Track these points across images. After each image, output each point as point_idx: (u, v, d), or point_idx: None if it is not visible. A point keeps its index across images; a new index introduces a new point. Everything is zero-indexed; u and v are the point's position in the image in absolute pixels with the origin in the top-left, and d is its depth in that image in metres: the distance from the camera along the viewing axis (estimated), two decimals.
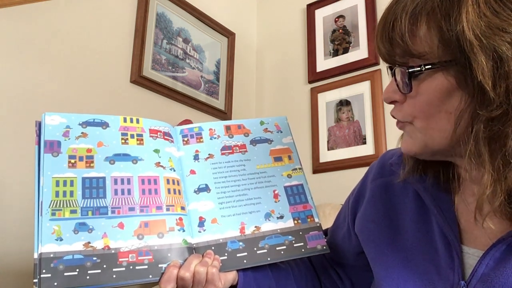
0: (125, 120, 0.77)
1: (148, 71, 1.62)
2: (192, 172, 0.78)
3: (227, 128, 0.84)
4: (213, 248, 0.71)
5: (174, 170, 0.76)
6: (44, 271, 0.61)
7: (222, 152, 0.81)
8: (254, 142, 0.84)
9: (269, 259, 0.72)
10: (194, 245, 0.71)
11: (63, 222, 0.65)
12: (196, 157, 0.79)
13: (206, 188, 0.76)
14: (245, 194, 0.77)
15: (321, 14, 1.98)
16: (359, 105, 1.81)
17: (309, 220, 0.77)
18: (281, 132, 0.86)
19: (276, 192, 0.79)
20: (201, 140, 0.81)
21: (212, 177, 0.78)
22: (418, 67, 0.54)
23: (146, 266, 0.65)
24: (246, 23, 2.08)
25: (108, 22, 1.50)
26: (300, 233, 0.76)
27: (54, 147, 0.70)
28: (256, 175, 0.80)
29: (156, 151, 0.76)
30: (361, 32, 1.86)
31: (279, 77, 2.08)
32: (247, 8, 2.10)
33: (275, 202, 0.78)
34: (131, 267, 0.65)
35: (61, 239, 0.64)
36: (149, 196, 0.71)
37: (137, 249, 0.66)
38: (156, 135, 0.77)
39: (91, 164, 0.71)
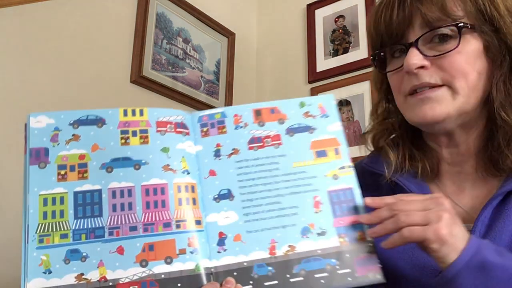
0: (125, 114, 0.62)
1: (148, 71, 1.59)
2: (212, 173, 0.62)
3: (257, 113, 0.66)
4: (235, 274, 0.57)
5: (188, 173, 0.61)
6: None
7: (249, 145, 0.64)
8: (291, 131, 0.65)
9: None
10: (212, 270, 0.57)
11: (52, 250, 0.55)
12: (217, 153, 0.63)
13: (228, 195, 0.61)
14: (278, 202, 0.60)
15: (321, 14, 1.96)
16: (359, 105, 1.78)
17: (359, 238, 0.59)
18: (327, 116, 0.66)
19: (317, 199, 0.61)
20: (223, 130, 0.65)
21: (236, 179, 0.62)
22: (460, 26, 0.62)
23: None
24: (246, 23, 2.07)
25: (108, 22, 1.48)
26: (347, 255, 0.58)
27: (40, 156, 0.58)
28: (292, 176, 0.62)
29: (165, 150, 0.61)
30: (361, 32, 1.83)
31: (279, 77, 2.05)
32: (247, 8, 2.10)
33: (316, 212, 0.60)
34: None
35: (50, 272, 0.54)
36: (155, 210, 0.58)
37: (139, 280, 0.55)
38: (165, 128, 0.62)
39: (85, 174, 0.58)
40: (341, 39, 1.88)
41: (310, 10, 1.98)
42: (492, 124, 0.66)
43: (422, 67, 0.64)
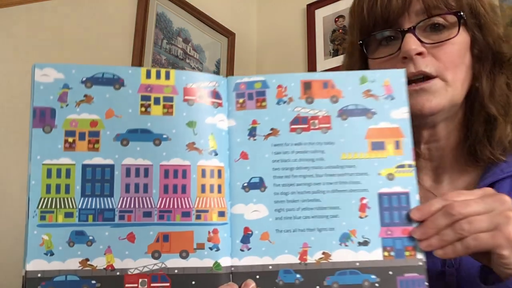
0: (148, 75, 0.52)
1: None
2: (244, 155, 0.53)
3: (306, 85, 0.54)
4: (257, 277, 0.50)
5: (216, 154, 0.52)
6: None
7: (292, 126, 0.53)
8: (344, 113, 0.53)
9: None
10: (233, 269, 0.50)
11: (55, 230, 0.48)
12: (252, 132, 0.53)
13: (260, 184, 0.52)
14: (317, 199, 0.51)
15: (321, 14, 1.94)
16: None
17: (407, 253, 0.50)
18: (392, 98, 0.54)
19: (364, 201, 0.51)
20: (263, 104, 0.54)
21: (271, 167, 0.52)
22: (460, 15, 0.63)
23: None
24: (246, 23, 2.05)
25: (108, 22, 1.43)
26: (390, 272, 0.50)
27: (46, 118, 0.50)
28: (338, 170, 0.52)
29: (191, 124, 0.51)
30: None
31: None
32: (247, 8, 2.07)
33: (360, 217, 0.51)
34: None
35: (52, 254, 0.48)
36: (174, 196, 0.50)
37: (150, 272, 0.48)
38: (193, 97, 0.52)
39: (96, 145, 0.50)
40: (341, 39, 1.88)
41: (310, 10, 1.96)
42: (471, 116, 0.67)
43: (420, 53, 0.62)
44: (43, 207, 0.48)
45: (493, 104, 0.65)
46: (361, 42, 0.68)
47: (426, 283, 0.50)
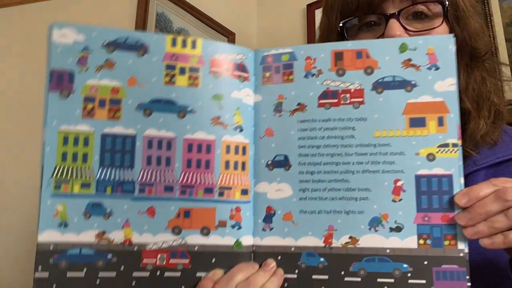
0: (174, 43, 0.49)
1: None
2: (269, 132, 0.51)
3: (337, 56, 0.51)
4: (279, 258, 0.48)
5: (242, 130, 0.50)
6: (40, 268, 0.44)
7: (320, 101, 0.51)
8: (380, 85, 0.50)
9: None
10: (254, 248, 0.49)
11: (70, 200, 0.46)
12: (278, 107, 0.51)
13: (284, 162, 0.50)
14: (346, 180, 0.49)
15: (321, 14, 1.64)
16: None
17: (446, 243, 0.47)
18: (437, 68, 0.49)
19: (399, 183, 0.48)
20: (290, 77, 0.52)
21: (296, 144, 0.50)
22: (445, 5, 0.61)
23: (178, 274, 0.46)
24: (246, 23, 2.02)
25: (108, 22, 1.38)
26: (425, 262, 0.47)
27: (63, 81, 0.47)
28: (370, 149, 0.49)
29: (217, 97, 0.49)
30: None
31: None
32: (247, 8, 2.04)
33: (394, 201, 0.48)
34: (157, 273, 0.46)
35: (66, 225, 0.45)
36: (197, 171, 0.48)
37: (169, 248, 0.46)
38: (220, 69, 0.50)
39: (117, 114, 0.47)
40: None
41: (310, 10, 1.92)
42: None
43: None
44: (58, 176, 0.46)
45: (468, 98, 0.63)
46: (341, 25, 0.64)
47: (468, 277, 0.46)
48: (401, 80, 0.49)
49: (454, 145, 0.48)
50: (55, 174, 0.45)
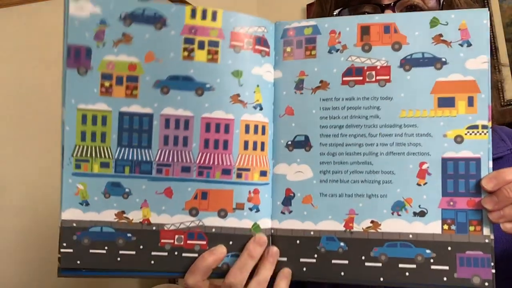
0: (193, 15, 0.46)
1: None
2: (289, 111, 0.49)
3: (364, 30, 0.47)
4: (297, 242, 0.48)
5: (261, 108, 0.48)
6: (64, 244, 0.46)
7: (344, 78, 0.48)
8: (408, 63, 0.47)
9: (382, 279, 0.46)
10: (272, 232, 0.48)
11: (90, 179, 0.46)
12: (299, 85, 0.49)
13: (305, 143, 0.48)
14: (369, 162, 0.47)
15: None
16: None
17: (471, 228, 0.45)
18: (469, 45, 0.46)
19: (424, 166, 0.46)
20: (312, 53, 0.49)
21: (318, 124, 0.48)
22: None
23: (196, 255, 0.46)
24: None
25: None
26: (449, 248, 0.45)
27: (81, 58, 0.45)
28: (396, 130, 0.47)
29: (237, 74, 0.47)
30: None
31: None
32: (247, 8, 1.98)
33: (418, 184, 0.46)
34: (175, 253, 0.46)
35: (87, 204, 0.46)
36: (215, 151, 0.47)
37: (186, 229, 0.46)
38: (241, 43, 0.47)
39: (134, 92, 0.46)
40: None
41: (310, 10, 1.83)
42: None
43: None
44: (78, 155, 0.46)
45: None
46: (336, 14, 0.63)
47: (492, 264, 0.44)
48: (431, 57, 0.46)
49: (484, 126, 0.45)
50: (75, 153, 0.45)
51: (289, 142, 0.49)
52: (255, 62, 0.47)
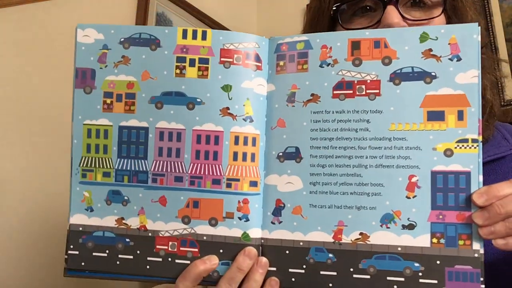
0: (184, 35, 0.50)
1: None
2: (281, 123, 0.50)
3: (354, 45, 0.48)
4: (287, 252, 0.48)
5: (252, 121, 0.49)
6: (71, 246, 0.50)
7: (335, 92, 0.48)
8: (398, 77, 0.46)
9: None
10: (263, 242, 0.49)
11: (94, 188, 0.50)
12: (291, 98, 0.49)
13: (295, 155, 0.49)
14: (358, 174, 0.46)
15: None
16: None
17: (461, 242, 0.44)
18: (459, 59, 0.45)
19: (414, 179, 0.45)
20: (304, 67, 0.49)
21: (308, 136, 0.48)
22: None
23: (188, 262, 0.48)
24: (246, 23, 1.99)
25: (108, 22, 1.34)
26: (438, 262, 0.44)
27: (87, 78, 0.51)
28: (385, 143, 0.46)
29: (226, 88, 0.49)
30: None
31: None
32: (247, 8, 2.01)
33: (408, 197, 0.45)
34: (169, 259, 0.49)
35: (92, 210, 0.50)
36: (205, 162, 0.49)
37: (180, 236, 0.49)
38: (230, 59, 0.49)
39: (132, 107, 0.50)
40: None
41: None
42: None
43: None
44: (84, 165, 0.50)
45: None
46: (335, 8, 0.61)
47: (482, 279, 0.43)
48: (421, 71, 0.46)
49: (474, 140, 0.44)
50: (81, 164, 0.50)
51: (280, 154, 0.49)
52: (245, 76, 0.49)
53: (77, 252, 0.50)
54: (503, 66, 1.16)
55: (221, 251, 0.48)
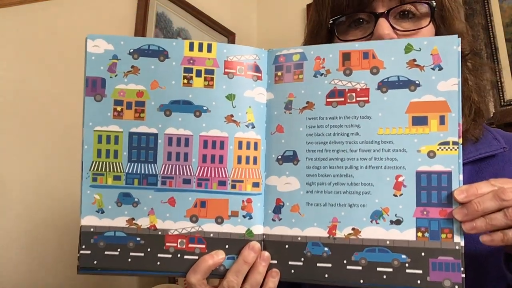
0: (191, 48, 0.54)
1: None
2: (280, 129, 0.55)
3: (345, 56, 0.53)
4: (286, 247, 0.53)
5: (254, 127, 0.54)
6: (83, 246, 0.53)
7: (328, 100, 0.53)
8: (385, 85, 0.52)
9: (361, 281, 0.51)
10: (264, 237, 0.54)
11: (105, 190, 0.53)
12: (288, 106, 0.54)
13: (293, 158, 0.54)
14: (349, 175, 0.52)
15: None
16: None
17: (443, 236, 0.49)
18: (441, 69, 0.50)
19: (400, 179, 0.51)
20: (300, 77, 0.54)
21: (304, 140, 0.54)
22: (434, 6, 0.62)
23: (196, 257, 0.53)
24: (246, 23, 2.02)
25: (108, 22, 1.37)
26: (423, 254, 0.49)
27: (97, 87, 0.53)
28: (374, 146, 0.52)
29: (230, 97, 0.53)
30: None
31: None
32: (247, 8, 2.04)
33: (395, 195, 0.51)
34: (178, 255, 0.53)
35: (103, 211, 0.53)
36: (211, 165, 0.53)
37: (188, 234, 0.53)
38: (234, 70, 0.53)
39: (141, 115, 0.53)
40: None
41: (310, 10, 1.78)
42: None
43: (391, 39, 0.60)
44: (95, 169, 0.53)
45: None
46: (331, 22, 0.65)
47: (462, 269, 0.48)
48: (406, 80, 0.51)
49: (455, 143, 0.49)
50: (92, 168, 0.53)
51: (279, 157, 0.54)
52: (247, 86, 0.54)
53: (89, 252, 0.53)
54: (503, 66, 1.19)
55: (227, 246, 0.53)
